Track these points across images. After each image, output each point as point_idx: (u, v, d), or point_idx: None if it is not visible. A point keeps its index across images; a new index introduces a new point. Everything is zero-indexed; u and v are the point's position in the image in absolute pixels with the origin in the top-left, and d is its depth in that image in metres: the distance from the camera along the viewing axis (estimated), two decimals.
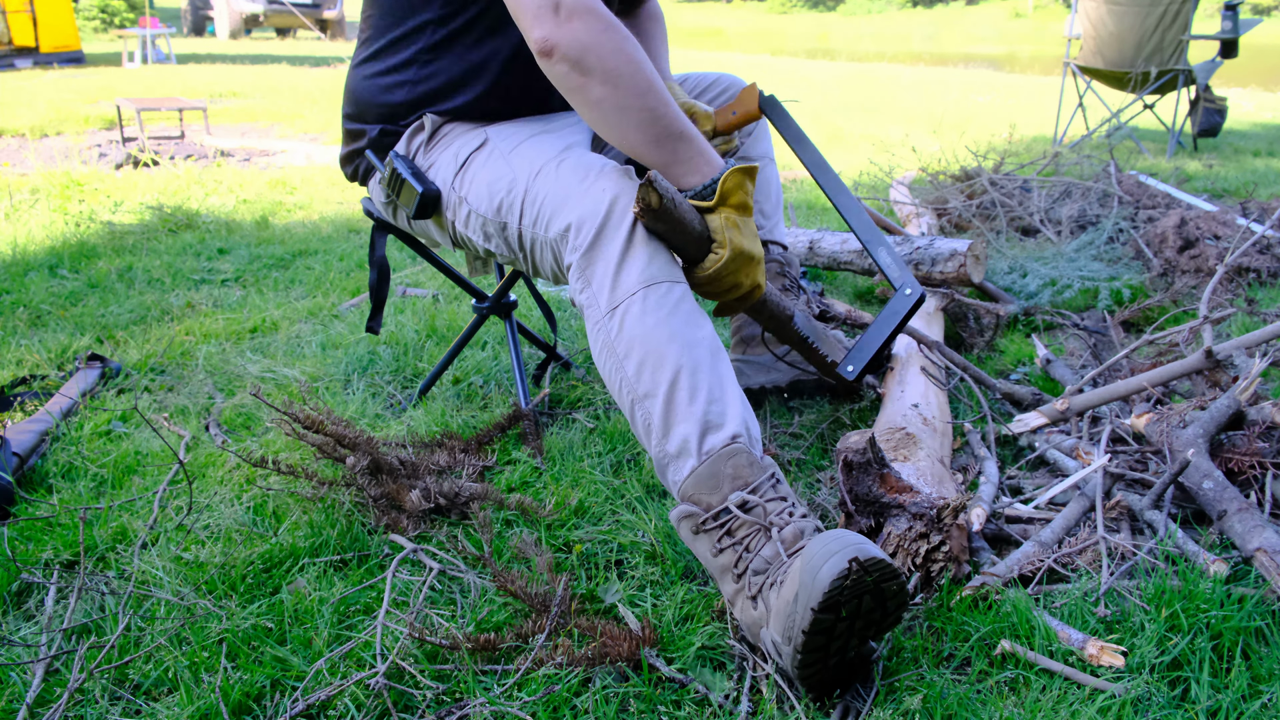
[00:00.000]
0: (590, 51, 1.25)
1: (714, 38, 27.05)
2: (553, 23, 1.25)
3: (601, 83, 1.26)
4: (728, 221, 1.31)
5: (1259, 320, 2.34)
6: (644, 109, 1.28)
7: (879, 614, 1.08)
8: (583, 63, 1.25)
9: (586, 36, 1.25)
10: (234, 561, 1.38)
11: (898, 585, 1.06)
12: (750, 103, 1.59)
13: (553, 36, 1.25)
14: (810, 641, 1.03)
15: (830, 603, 1.01)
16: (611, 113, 1.28)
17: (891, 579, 1.05)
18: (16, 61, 11.12)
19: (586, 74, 1.26)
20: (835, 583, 1.00)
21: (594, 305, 1.28)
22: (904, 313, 1.42)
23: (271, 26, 18.27)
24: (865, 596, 1.04)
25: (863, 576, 1.01)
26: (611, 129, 1.30)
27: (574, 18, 1.25)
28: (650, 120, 1.28)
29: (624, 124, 1.29)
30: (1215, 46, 5.83)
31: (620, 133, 1.30)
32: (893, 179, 4.13)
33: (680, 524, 1.22)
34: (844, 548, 1.02)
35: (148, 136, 6.04)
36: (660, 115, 1.29)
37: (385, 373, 2.15)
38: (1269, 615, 1.18)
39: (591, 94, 1.27)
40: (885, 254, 1.49)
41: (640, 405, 1.24)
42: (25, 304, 2.64)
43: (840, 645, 1.07)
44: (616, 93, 1.27)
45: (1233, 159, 5.56)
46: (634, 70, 1.27)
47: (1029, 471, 1.66)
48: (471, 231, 1.51)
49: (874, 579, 1.03)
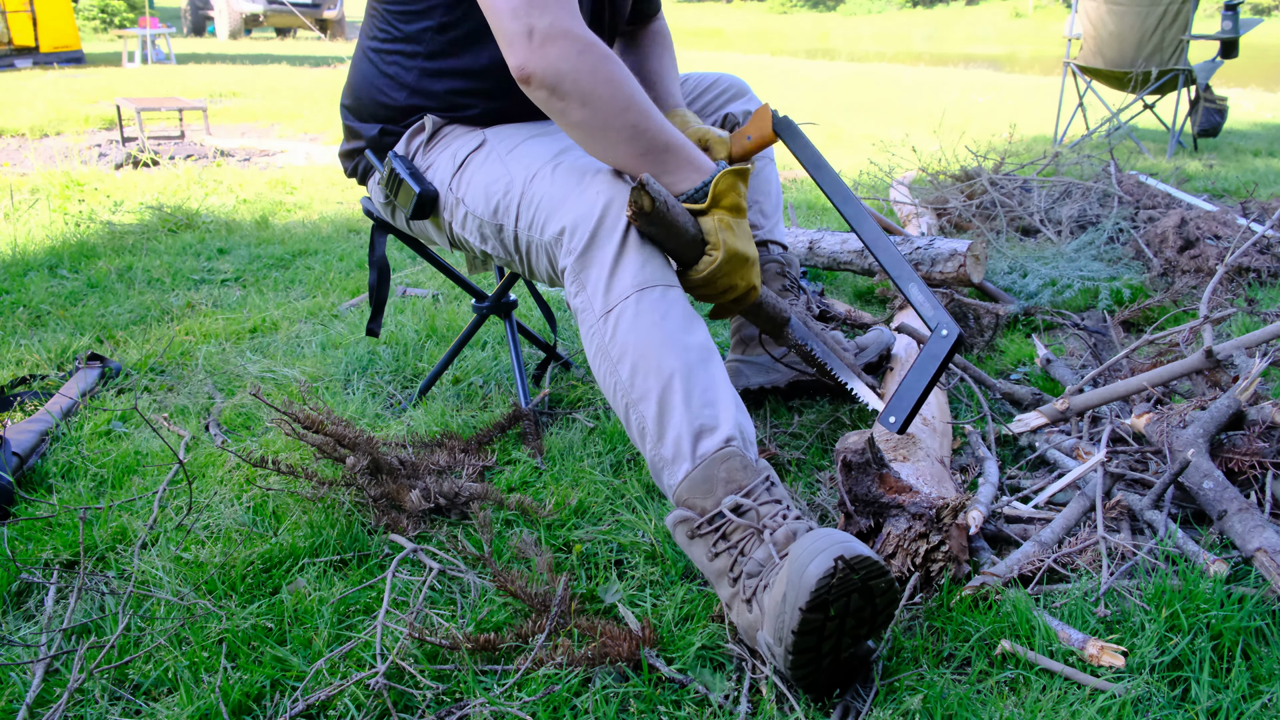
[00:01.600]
0: (565, 77, 1.25)
1: (714, 38, 27.04)
2: (526, 50, 1.26)
3: (580, 105, 1.27)
4: (721, 223, 1.31)
5: (1259, 320, 2.34)
6: (625, 126, 1.28)
7: (869, 612, 1.08)
8: (559, 88, 1.26)
9: (561, 62, 1.25)
10: (234, 561, 1.38)
11: (886, 583, 1.06)
12: (765, 126, 1.54)
13: (528, 64, 1.26)
14: (800, 642, 1.03)
15: (818, 602, 1.01)
16: (594, 132, 1.29)
17: (879, 576, 1.04)
18: (16, 61, 11.12)
19: (564, 98, 1.27)
20: (822, 582, 1.00)
21: (588, 309, 1.28)
22: (942, 356, 1.34)
23: (271, 26, 18.27)
24: (853, 595, 1.04)
25: (849, 575, 1.01)
26: (596, 147, 1.32)
27: (548, 44, 1.25)
28: (633, 136, 1.29)
29: (608, 142, 1.30)
30: (1215, 46, 5.83)
31: (605, 150, 1.31)
32: (893, 179, 4.12)
33: (676, 529, 1.22)
34: (829, 546, 1.02)
35: (148, 136, 6.04)
36: (643, 130, 1.29)
37: (385, 373, 2.15)
38: (1269, 615, 1.18)
39: (571, 117, 1.29)
40: (917, 291, 1.40)
41: (634, 409, 1.24)
42: (25, 304, 2.64)
43: (832, 645, 1.07)
44: (596, 114, 1.27)
45: (1233, 159, 5.56)
46: (612, 90, 1.27)
47: (1029, 471, 1.66)
48: (468, 233, 1.51)
49: (861, 577, 1.03)
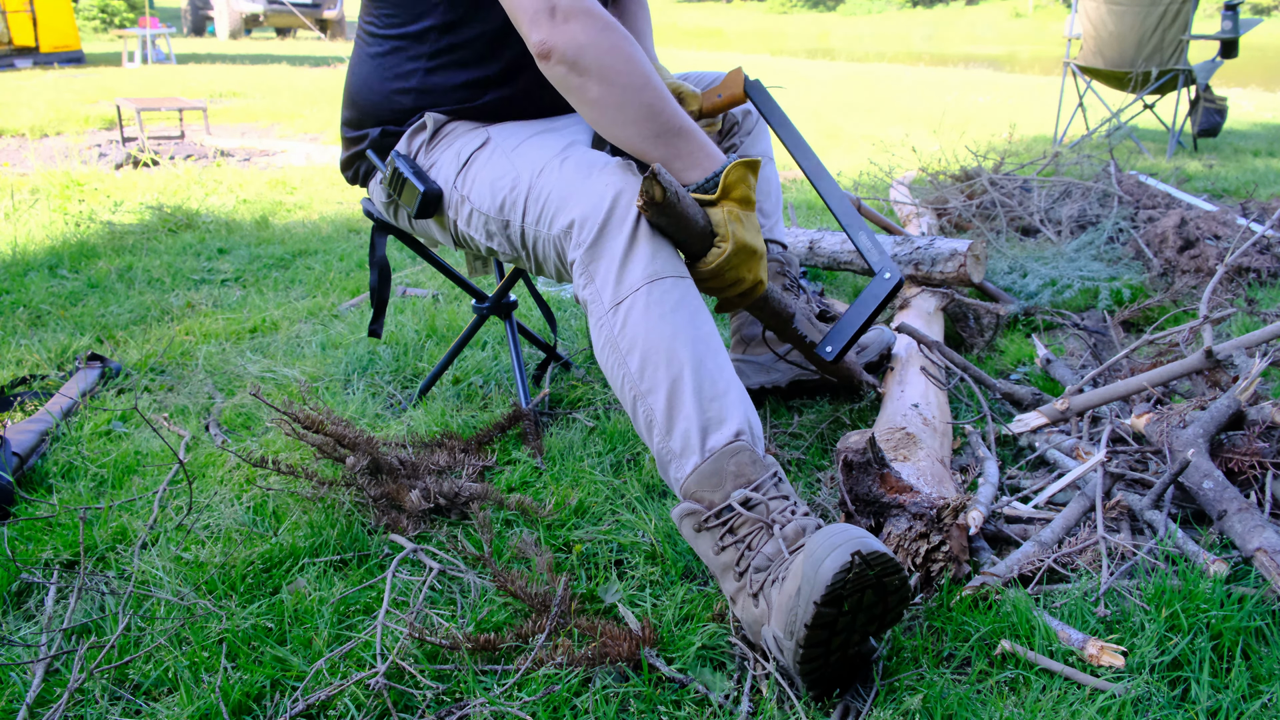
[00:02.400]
0: (586, 51, 1.26)
1: (714, 38, 27.04)
2: (549, 25, 1.26)
3: (599, 82, 1.27)
4: (730, 215, 1.32)
5: (1259, 320, 2.34)
6: (641, 105, 1.29)
7: (880, 609, 1.08)
8: (580, 63, 1.27)
9: (583, 37, 1.26)
10: (234, 561, 1.38)
11: (899, 580, 1.06)
12: (736, 86, 1.64)
13: (550, 39, 1.27)
14: (813, 635, 1.03)
15: (833, 596, 1.01)
16: (610, 110, 1.29)
17: (894, 573, 1.05)
18: (16, 61, 11.12)
19: (584, 74, 1.27)
20: (838, 576, 1.00)
21: (597, 301, 1.28)
22: (883, 296, 1.47)
23: (271, 26, 18.27)
24: (867, 591, 1.04)
25: (865, 570, 1.02)
26: (611, 126, 1.31)
27: (570, 19, 1.26)
28: (648, 116, 1.29)
29: (623, 121, 1.30)
30: (1215, 46, 5.83)
31: (620, 129, 1.31)
32: (893, 179, 4.12)
33: (682, 522, 1.22)
34: (847, 541, 1.02)
35: (148, 136, 6.04)
36: (659, 111, 1.29)
37: (385, 373, 2.15)
38: (1269, 615, 1.18)
39: (589, 93, 1.29)
40: (865, 238, 1.53)
41: (643, 401, 1.24)
42: (25, 304, 2.64)
43: (842, 640, 1.07)
44: (614, 90, 1.28)
45: (1233, 159, 5.56)
46: (630, 68, 1.28)
47: (1029, 471, 1.66)
48: (474, 230, 1.51)
49: (876, 573, 1.03)
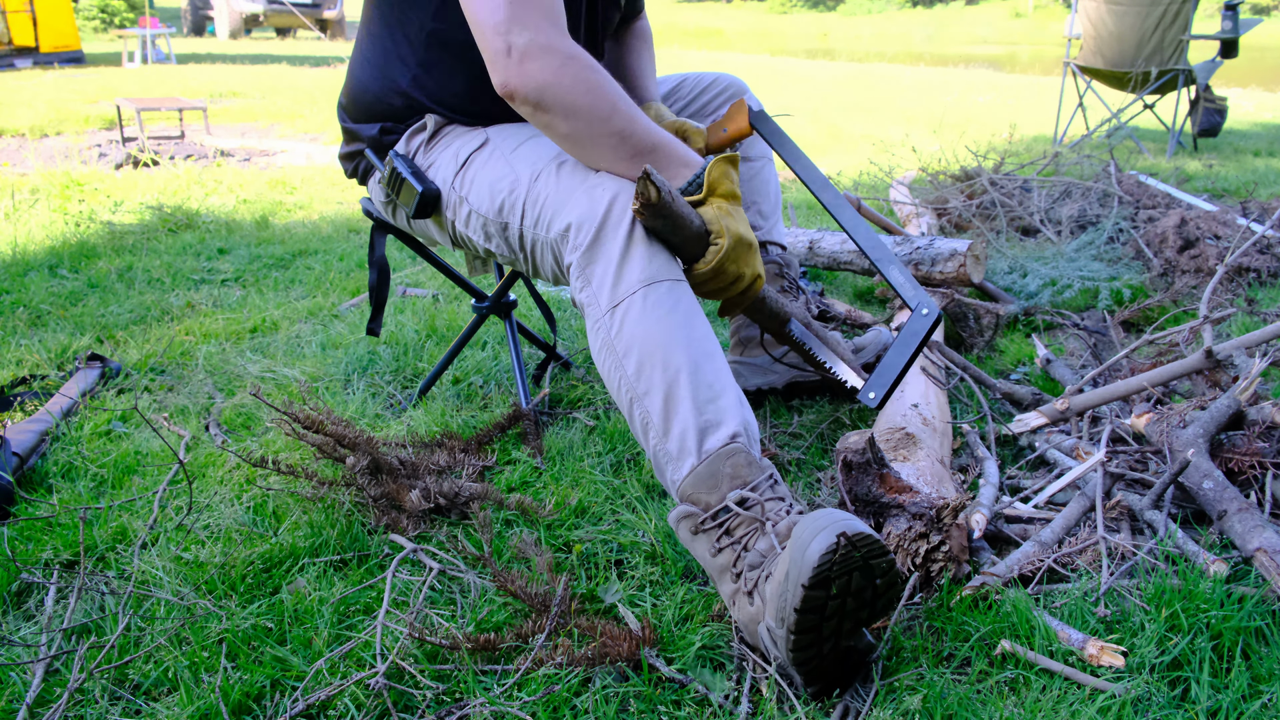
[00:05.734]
0: (547, 91, 1.27)
1: (714, 38, 27.04)
2: (506, 67, 1.28)
3: (564, 118, 1.29)
4: (721, 210, 1.33)
5: (1259, 320, 2.34)
6: (611, 134, 1.30)
7: (870, 594, 1.08)
8: (542, 103, 1.28)
9: (541, 76, 1.27)
10: (234, 561, 1.38)
11: (887, 563, 1.06)
12: (741, 119, 1.60)
13: (509, 81, 1.28)
14: (803, 620, 1.03)
15: (820, 578, 1.01)
16: (583, 141, 1.32)
17: (880, 555, 1.05)
18: (16, 61, 11.12)
19: (548, 112, 1.29)
20: (824, 557, 1.00)
21: (594, 304, 1.28)
22: (923, 333, 1.40)
23: (271, 26, 18.27)
24: (855, 573, 1.04)
25: (851, 551, 1.02)
26: (586, 156, 1.34)
27: (527, 60, 1.27)
28: (620, 142, 1.31)
29: (596, 150, 1.32)
30: (1215, 46, 5.83)
31: (594, 158, 1.33)
32: (893, 179, 4.12)
33: (679, 525, 1.22)
34: (832, 524, 1.03)
35: (148, 136, 6.04)
36: (628, 135, 1.31)
37: (385, 373, 2.15)
38: (1269, 615, 1.18)
39: (558, 129, 1.31)
40: (897, 272, 1.45)
41: (639, 404, 1.24)
42: (25, 304, 2.64)
43: (834, 628, 1.07)
44: (580, 123, 1.29)
45: (1233, 159, 5.56)
46: (594, 99, 1.29)
47: (1029, 471, 1.66)
48: (472, 231, 1.51)
49: (863, 554, 1.03)
